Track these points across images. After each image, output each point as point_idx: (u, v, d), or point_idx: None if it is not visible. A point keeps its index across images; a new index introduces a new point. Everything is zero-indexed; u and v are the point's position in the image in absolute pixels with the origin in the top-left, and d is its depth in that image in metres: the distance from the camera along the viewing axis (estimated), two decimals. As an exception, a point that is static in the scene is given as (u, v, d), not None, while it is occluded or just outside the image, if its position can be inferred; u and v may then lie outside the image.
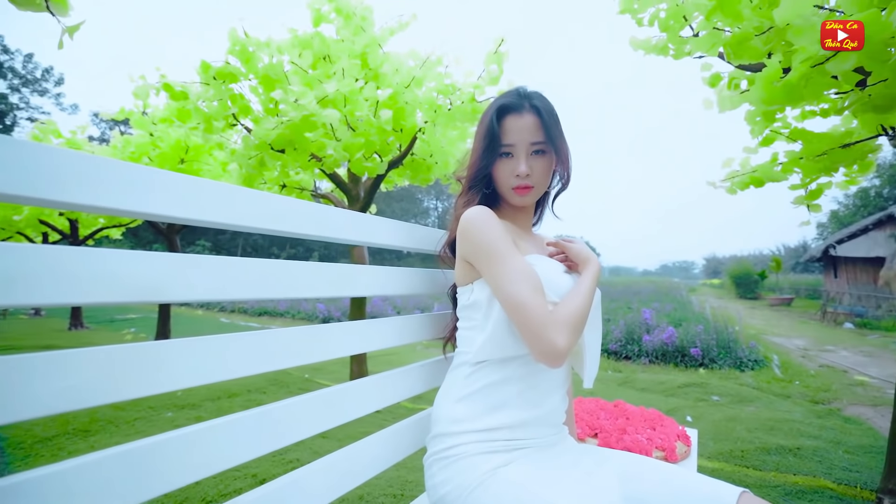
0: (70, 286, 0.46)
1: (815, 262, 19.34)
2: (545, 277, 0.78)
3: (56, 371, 0.45)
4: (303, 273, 0.73)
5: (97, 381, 0.48)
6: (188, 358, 0.56)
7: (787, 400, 3.75)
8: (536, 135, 0.82)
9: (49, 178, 0.45)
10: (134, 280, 0.51)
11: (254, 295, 0.65)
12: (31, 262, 0.44)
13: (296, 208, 0.74)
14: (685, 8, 2.25)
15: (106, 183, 0.49)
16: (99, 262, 0.48)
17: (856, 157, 2.48)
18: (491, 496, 0.68)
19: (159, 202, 0.54)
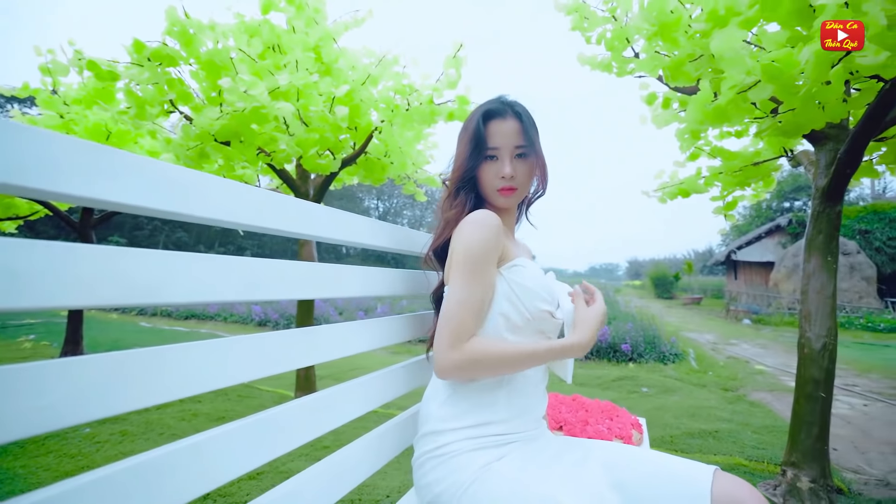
0: (77, 287, 0.41)
1: (720, 265, 21.74)
2: (524, 283, 0.81)
3: (42, 384, 0.40)
4: (301, 273, 0.71)
5: (93, 392, 0.44)
6: (189, 364, 0.53)
7: (703, 389, 4.19)
8: (519, 139, 0.86)
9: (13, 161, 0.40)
10: (133, 280, 0.47)
11: (257, 296, 0.62)
12: (35, 260, 0.39)
13: (282, 204, 0.71)
14: (628, 31, 2.44)
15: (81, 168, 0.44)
16: (105, 260, 0.44)
17: (762, 174, 2.82)
18: (487, 492, 0.71)
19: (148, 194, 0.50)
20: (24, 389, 0.39)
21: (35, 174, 0.40)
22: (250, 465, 0.61)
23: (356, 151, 2.81)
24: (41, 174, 0.41)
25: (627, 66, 2.59)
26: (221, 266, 0.58)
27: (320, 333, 0.76)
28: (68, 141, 0.43)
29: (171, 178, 0.52)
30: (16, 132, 0.39)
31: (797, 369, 2.09)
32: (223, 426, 0.59)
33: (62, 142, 0.42)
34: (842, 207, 2.13)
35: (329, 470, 0.75)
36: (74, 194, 0.43)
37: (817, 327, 2.09)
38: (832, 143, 2.16)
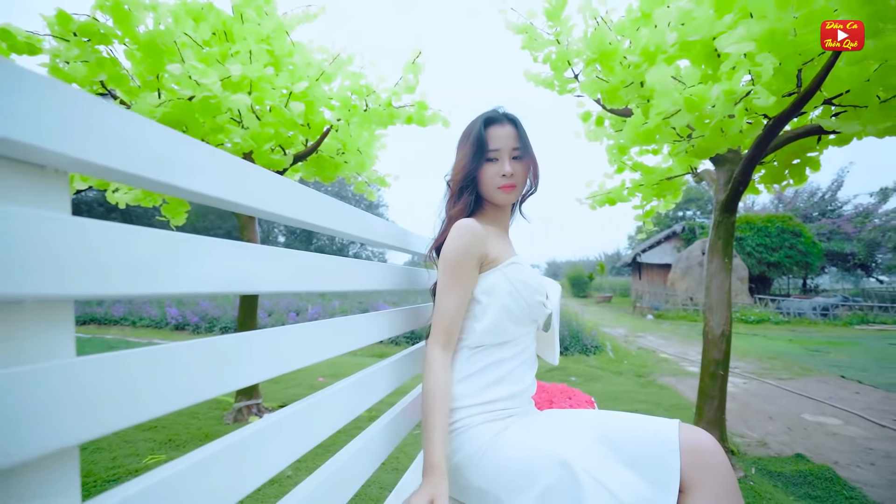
0: (188, 276, 0.45)
1: (627, 266, 24.11)
2: (522, 278, 0.94)
3: (157, 368, 0.43)
4: (336, 267, 0.76)
5: (199, 375, 0.47)
6: (270, 349, 0.57)
7: (620, 376, 4.70)
8: (515, 142, 0.99)
9: (150, 156, 0.43)
10: (228, 272, 0.51)
11: (328, 287, 0.67)
12: (163, 251, 0.42)
13: (320, 201, 0.75)
14: (569, 54, 2.71)
15: (199, 168, 0.49)
16: (205, 252, 0.48)
17: (673, 188, 3.27)
18: (501, 456, 0.82)
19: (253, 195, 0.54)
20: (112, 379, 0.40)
21: (148, 166, 0.44)
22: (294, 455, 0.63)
23: (309, 148, 2.77)
24: (153, 166, 0.44)
25: (567, 85, 2.88)
26: (299, 260, 0.62)
27: (339, 324, 0.80)
28: (178, 136, 0.46)
29: (249, 174, 0.56)
30: (143, 127, 0.42)
31: (702, 353, 2.49)
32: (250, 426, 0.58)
33: (170, 136, 0.45)
34: (735, 217, 2.58)
35: (347, 464, 0.78)
36: (180, 185, 0.47)
37: (718, 317, 2.51)
38: (729, 165, 2.61)
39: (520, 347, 0.95)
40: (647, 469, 0.78)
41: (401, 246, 1.13)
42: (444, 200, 1.04)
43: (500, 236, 1.03)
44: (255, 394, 3.03)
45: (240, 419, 2.89)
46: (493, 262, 0.94)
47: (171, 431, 2.58)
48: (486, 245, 0.93)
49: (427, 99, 2.67)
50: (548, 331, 1.07)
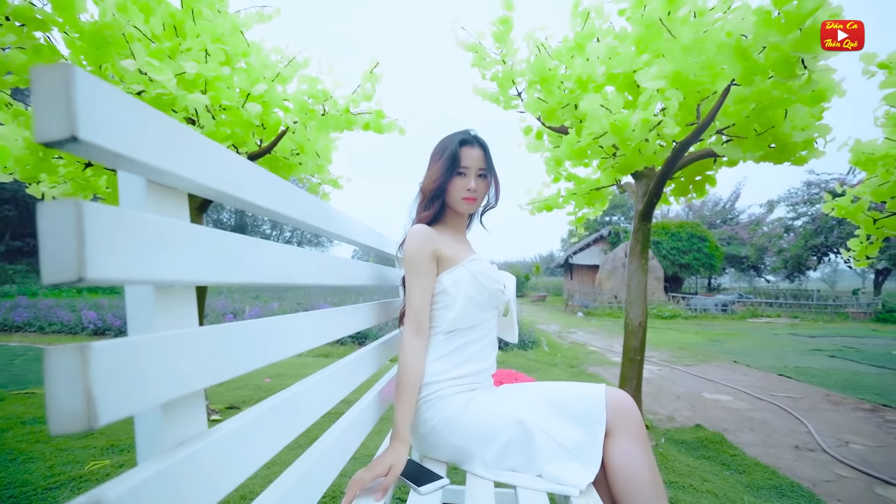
0: (253, 268, 0.58)
1: (560, 267, 25.58)
2: (482, 271, 1.14)
3: (245, 337, 0.57)
4: (341, 265, 0.90)
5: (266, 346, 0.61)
6: (301, 330, 0.71)
7: (555, 367, 5.12)
8: (482, 163, 1.18)
9: (237, 180, 0.57)
10: (276, 266, 0.65)
11: (339, 281, 0.81)
12: (239, 249, 0.56)
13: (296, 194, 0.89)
14: (514, 74, 2.98)
15: (266, 189, 0.63)
16: (262, 250, 0.61)
17: (601, 197, 3.68)
18: (471, 418, 1.01)
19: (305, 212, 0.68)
20: (246, 339, 0.55)
21: (230, 185, 0.57)
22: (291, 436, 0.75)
23: (264, 149, 2.78)
24: (233, 186, 0.58)
25: (512, 101, 3.16)
26: (304, 256, 0.76)
27: (339, 315, 0.95)
28: (246, 164, 0.60)
29: (285, 189, 0.70)
30: (227, 156, 0.56)
31: (624, 341, 2.88)
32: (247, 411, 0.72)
33: (239, 163, 0.59)
34: (651, 224, 3.00)
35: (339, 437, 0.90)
36: (248, 200, 0.61)
37: (636, 311, 2.91)
38: (646, 179, 3.03)
39: (483, 332, 1.15)
40: (582, 421, 1.01)
41: (374, 245, 1.28)
42: (415, 203, 1.21)
43: (456, 238, 1.22)
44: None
45: (185, 422, 2.82)
46: (452, 259, 1.13)
47: (111, 438, 2.48)
48: (438, 244, 1.11)
49: (383, 107, 2.80)
50: (507, 315, 1.28)
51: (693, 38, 2.08)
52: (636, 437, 0.99)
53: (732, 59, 1.88)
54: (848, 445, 2.73)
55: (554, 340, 7.67)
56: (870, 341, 8.70)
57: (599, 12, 2.76)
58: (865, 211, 3.47)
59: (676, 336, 8.98)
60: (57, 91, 0.32)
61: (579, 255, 21.55)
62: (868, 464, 2.41)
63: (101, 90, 0.35)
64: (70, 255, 0.31)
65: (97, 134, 0.34)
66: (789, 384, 4.52)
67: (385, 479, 0.88)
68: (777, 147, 2.35)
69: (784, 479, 2.15)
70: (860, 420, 3.28)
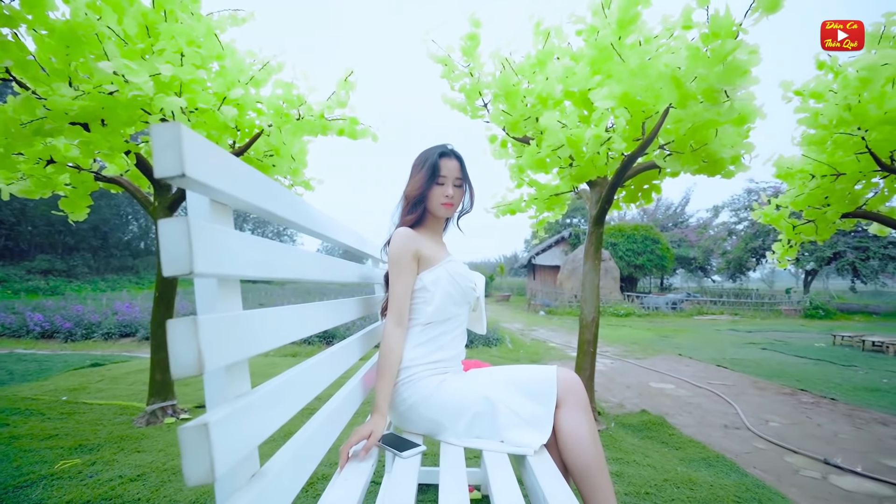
0: (287, 266, 0.73)
1: (523, 268, 26.25)
2: (458, 271, 1.32)
3: (273, 322, 0.71)
4: (338, 264, 1.05)
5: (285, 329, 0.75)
6: (311, 316, 0.85)
7: (517, 363, 5.39)
8: (459, 174, 1.35)
9: (269, 197, 0.71)
10: (297, 266, 0.79)
11: (328, 277, 0.96)
12: (269, 251, 0.70)
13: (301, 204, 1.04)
14: (480, 86, 3.19)
15: (283, 201, 0.77)
16: (287, 252, 0.76)
17: (560, 202, 3.95)
18: (444, 396, 1.18)
19: None
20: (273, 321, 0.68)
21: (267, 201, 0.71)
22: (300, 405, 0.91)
23: (238, 150, 2.83)
24: (270, 202, 0.72)
25: (478, 111, 3.37)
26: (310, 257, 0.91)
27: (336, 307, 1.09)
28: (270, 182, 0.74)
29: (306, 209, 0.84)
30: (264, 181, 0.70)
31: (578, 335, 3.14)
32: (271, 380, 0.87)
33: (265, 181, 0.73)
34: (604, 229, 3.28)
35: (323, 423, 1.07)
36: (266, 209, 0.75)
37: (589, 307, 3.18)
38: (599, 187, 3.31)
39: (456, 324, 1.32)
40: (537, 396, 1.20)
41: (353, 245, 1.42)
42: (398, 209, 1.36)
43: (434, 240, 1.39)
44: (171, 395, 2.97)
45: (153, 422, 2.82)
46: (432, 259, 1.30)
47: (78, 438, 2.46)
48: (419, 245, 1.28)
49: (356, 113, 2.93)
50: (476, 310, 1.46)
51: (639, 63, 2.34)
52: (581, 409, 1.20)
53: (669, 86, 2.16)
54: (767, 423, 3.12)
55: (517, 338, 7.98)
56: (797, 335, 9.62)
57: (559, 32, 3.01)
58: (786, 218, 3.94)
59: (630, 332, 9.55)
60: (171, 142, 0.47)
61: (542, 256, 22.24)
62: (782, 438, 2.79)
63: (195, 141, 0.50)
64: (183, 252, 0.46)
65: (195, 171, 0.49)
66: (725, 373, 5.00)
67: (367, 441, 1.04)
68: (709, 162, 2.67)
69: (712, 453, 2.47)
70: (780, 402, 3.73)
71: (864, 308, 17.46)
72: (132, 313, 7.12)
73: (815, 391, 4.12)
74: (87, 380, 3.94)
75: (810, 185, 3.52)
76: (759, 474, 2.21)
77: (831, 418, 3.27)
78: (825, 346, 7.73)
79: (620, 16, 2.58)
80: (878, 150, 2.99)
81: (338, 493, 0.82)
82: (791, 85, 3.29)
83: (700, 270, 28.43)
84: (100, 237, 24.48)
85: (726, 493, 1.92)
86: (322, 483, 1.97)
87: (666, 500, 1.85)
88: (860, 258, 17.77)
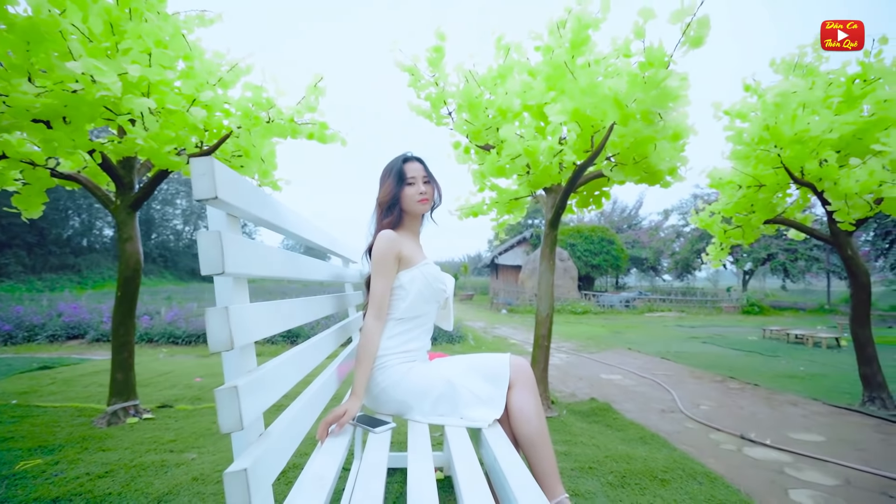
0: (286, 268, 0.87)
1: (486, 267, 26.73)
2: (432, 273, 1.48)
3: (272, 313, 0.85)
4: (318, 264, 1.19)
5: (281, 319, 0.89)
6: (295, 310, 0.99)
7: (479, 358, 5.62)
8: (424, 173, 1.51)
9: (268, 207, 0.85)
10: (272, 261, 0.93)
11: (294, 275, 1.10)
12: (272, 255, 0.84)
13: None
14: (445, 95, 3.36)
15: (282, 215, 0.91)
16: (280, 255, 0.90)
17: (519, 206, 4.19)
18: (412, 380, 1.35)
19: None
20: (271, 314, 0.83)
21: (273, 215, 0.85)
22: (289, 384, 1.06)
23: (205, 151, 2.86)
24: (274, 216, 0.86)
25: (443, 119, 3.54)
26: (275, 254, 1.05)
27: (313, 302, 1.23)
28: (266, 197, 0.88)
29: (297, 218, 0.98)
30: (268, 199, 0.84)
31: (534, 330, 3.39)
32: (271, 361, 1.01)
33: (262, 195, 0.87)
34: (558, 231, 3.55)
35: (308, 404, 1.23)
36: (282, 226, 0.89)
37: (544, 304, 3.44)
38: (554, 193, 3.58)
39: (425, 320, 1.49)
40: (492, 379, 1.39)
41: (326, 245, 1.56)
42: (374, 217, 1.51)
43: (413, 241, 1.55)
44: (133, 395, 2.95)
45: (115, 422, 2.80)
46: (410, 260, 1.45)
47: (36, 440, 2.42)
48: (402, 247, 1.43)
49: (326, 117, 3.02)
50: (445, 308, 1.64)
51: (588, 83, 2.60)
52: (529, 390, 1.39)
53: (613, 107, 2.42)
54: (699, 407, 3.50)
55: (479, 335, 8.24)
56: (734, 330, 10.49)
57: (518, 48, 3.24)
58: (718, 223, 4.38)
59: (586, 329, 10.07)
60: (206, 172, 0.61)
61: (504, 256, 22.78)
62: (709, 419, 3.15)
63: (222, 170, 0.64)
64: (218, 257, 0.60)
65: (224, 194, 0.63)
66: (668, 365, 5.46)
67: (342, 418, 1.19)
68: (649, 173, 2.98)
69: (648, 433, 2.77)
70: (711, 389, 4.16)
71: (794, 305, 19.17)
72: (79, 314, 6.77)
73: (743, 378, 4.61)
74: (37, 383, 3.78)
75: (738, 194, 3.95)
76: (686, 449, 2.53)
77: (752, 401, 3.71)
78: (756, 339, 8.51)
79: (573, 37, 2.84)
80: (791, 165, 3.42)
81: (323, 458, 0.97)
82: (721, 105, 3.70)
83: (652, 270, 30.06)
84: (36, 233, 22.69)
85: (657, 465, 2.20)
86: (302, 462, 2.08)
87: (605, 473, 2.10)
88: (790, 259, 19.46)
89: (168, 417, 2.92)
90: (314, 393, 1.11)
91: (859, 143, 3.29)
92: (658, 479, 2.05)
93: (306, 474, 0.89)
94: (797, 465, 2.33)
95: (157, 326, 6.41)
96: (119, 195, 2.96)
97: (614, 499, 1.86)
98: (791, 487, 2.07)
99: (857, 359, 3.55)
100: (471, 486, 0.92)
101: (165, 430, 2.65)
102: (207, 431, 2.64)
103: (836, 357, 6.14)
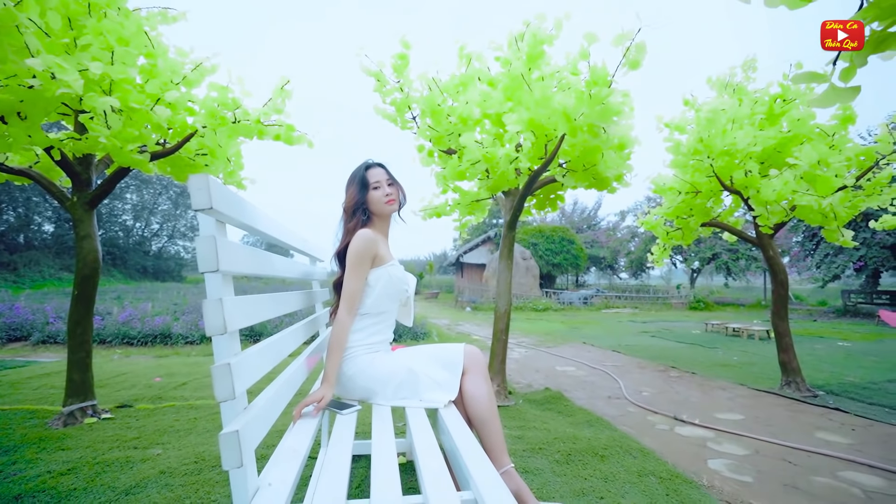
0: (268, 267, 1.00)
1: (452, 266, 27.00)
2: (396, 274, 1.62)
3: (253, 305, 0.98)
4: (289, 263, 1.31)
5: (262, 310, 1.02)
6: (270, 304, 1.12)
7: (442, 354, 5.80)
8: (387, 176, 1.65)
9: (249, 213, 0.97)
10: (265, 261, 1.05)
11: (269, 273, 1.22)
12: (254, 255, 0.96)
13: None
14: (409, 101, 3.50)
15: (257, 217, 1.03)
16: (255, 254, 1.02)
17: (481, 207, 4.39)
18: (376, 369, 1.49)
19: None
20: (248, 304, 0.96)
21: (250, 218, 0.98)
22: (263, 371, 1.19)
23: (169, 149, 2.86)
24: (251, 219, 0.98)
25: (407, 123, 3.68)
26: (252, 253, 1.17)
27: (282, 297, 1.36)
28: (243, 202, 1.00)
29: (266, 218, 1.10)
30: (247, 206, 0.96)
31: (493, 325, 3.60)
32: (251, 347, 1.15)
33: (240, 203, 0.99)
34: (515, 232, 3.77)
35: (278, 390, 1.35)
36: (244, 222, 1.01)
37: (503, 301, 3.65)
38: (512, 196, 3.80)
39: (387, 316, 1.64)
40: (448, 365, 1.55)
41: (301, 248, 1.68)
42: (341, 223, 1.64)
43: (384, 241, 1.68)
44: (90, 395, 2.90)
45: (72, 423, 2.76)
46: (382, 259, 1.59)
47: (-12, 441, 2.37)
48: (378, 247, 1.57)
49: (292, 119, 3.09)
50: (406, 306, 1.79)
51: (542, 95, 2.82)
52: (481, 375, 1.57)
53: (562, 119, 2.65)
54: (641, 393, 3.83)
55: (443, 332, 8.43)
56: (680, 324, 11.24)
57: (480, 57, 3.43)
58: (662, 225, 4.76)
59: (546, 325, 10.48)
60: (203, 187, 0.73)
61: (469, 255, 23.12)
62: (649, 403, 3.48)
63: (215, 185, 0.76)
64: (213, 257, 0.73)
65: (217, 204, 0.75)
66: (618, 357, 5.85)
67: (318, 403, 1.32)
68: (597, 179, 3.25)
69: (594, 417, 3.04)
70: (654, 377, 4.54)
71: (735, 301, 20.65)
72: (21, 315, 6.39)
73: (683, 368, 5.04)
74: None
75: (678, 199, 4.33)
76: (626, 430, 2.80)
77: (688, 387, 4.09)
78: (699, 332, 9.19)
79: (529, 51, 3.06)
80: (722, 174, 3.81)
81: (296, 435, 1.10)
82: (662, 118, 4.05)
83: (609, 269, 31.40)
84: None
85: (599, 444, 2.45)
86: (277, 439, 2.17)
87: (553, 452, 2.33)
88: (732, 259, 20.92)
89: (129, 417, 2.90)
90: (288, 378, 1.24)
91: (779, 155, 3.72)
92: (599, 456, 2.29)
93: (282, 447, 1.02)
94: (717, 440, 2.66)
95: (109, 327, 6.16)
96: (76, 192, 2.91)
97: (559, 473, 2.08)
98: (710, 458, 2.38)
99: (777, 347, 4.00)
100: (430, 463, 1.08)
101: (127, 429, 2.65)
102: (171, 429, 2.66)
103: (765, 348, 6.77)
